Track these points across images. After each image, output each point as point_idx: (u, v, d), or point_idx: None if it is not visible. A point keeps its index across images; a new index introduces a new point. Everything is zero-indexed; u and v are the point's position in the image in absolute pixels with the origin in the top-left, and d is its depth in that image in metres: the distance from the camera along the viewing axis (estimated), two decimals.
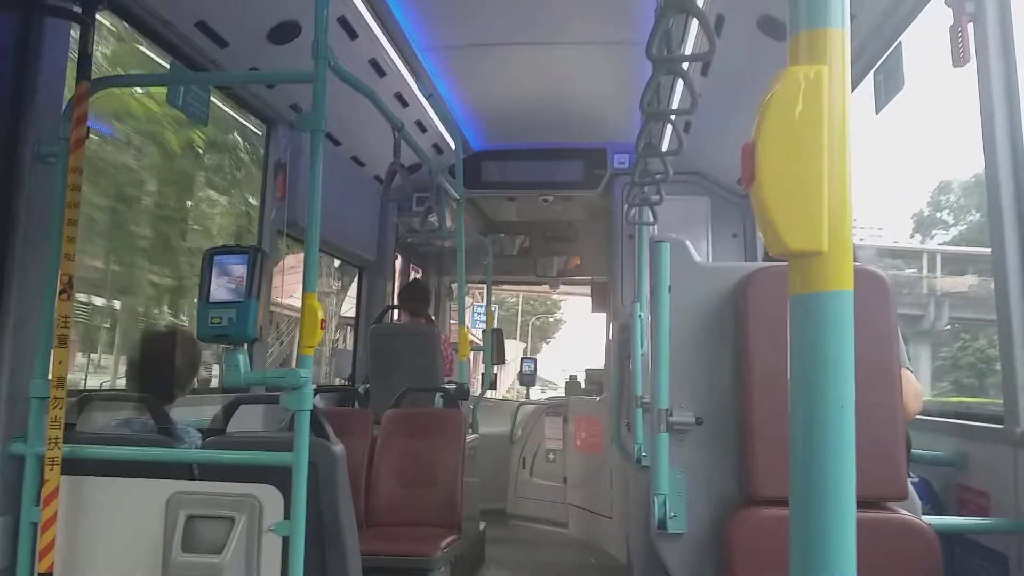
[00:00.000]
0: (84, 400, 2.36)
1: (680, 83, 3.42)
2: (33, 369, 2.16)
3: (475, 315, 12.99)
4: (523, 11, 3.78)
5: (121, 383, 5.40)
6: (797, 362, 0.62)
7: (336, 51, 2.19)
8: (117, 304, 7.29)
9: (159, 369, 2.57)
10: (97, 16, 2.34)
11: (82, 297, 6.21)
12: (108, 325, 7.59)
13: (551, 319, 39.78)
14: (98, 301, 6.95)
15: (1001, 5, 2.24)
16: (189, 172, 6.93)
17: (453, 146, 4.86)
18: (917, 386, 2.30)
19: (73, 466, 2.11)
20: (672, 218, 4.45)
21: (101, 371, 7.96)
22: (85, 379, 7.20)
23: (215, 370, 5.32)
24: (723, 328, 2.22)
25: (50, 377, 2.11)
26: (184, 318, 7.02)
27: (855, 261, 0.68)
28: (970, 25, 2.29)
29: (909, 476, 2.06)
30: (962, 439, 2.46)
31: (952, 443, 2.49)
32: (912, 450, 2.24)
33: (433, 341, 4.99)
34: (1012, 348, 2.15)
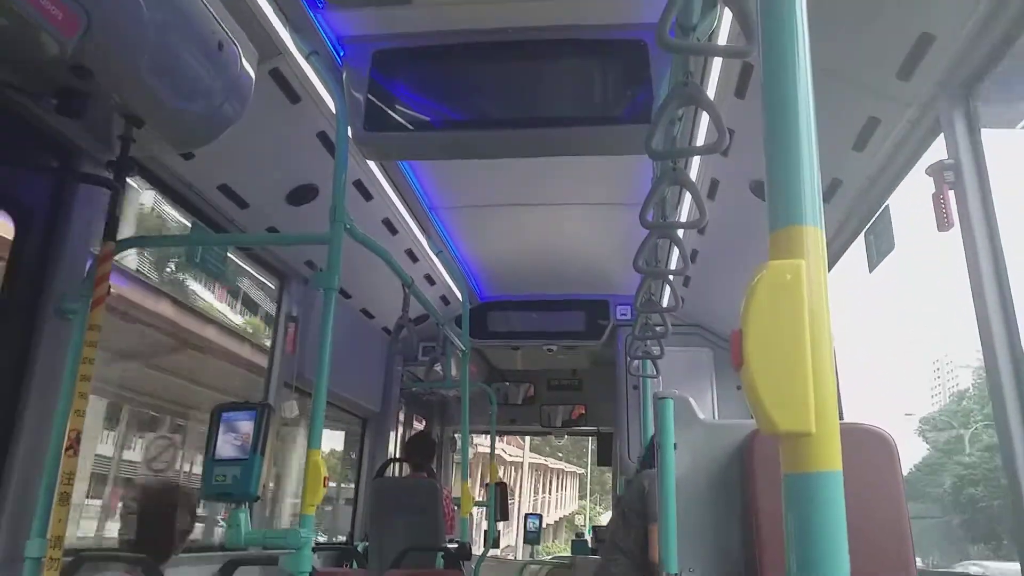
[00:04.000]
0: (78, 561, 2.29)
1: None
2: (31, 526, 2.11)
3: None
4: (529, 176, 3.98)
5: None
6: (791, 537, 0.64)
7: (351, 212, 2.30)
8: None
9: (154, 526, 2.50)
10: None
11: None
12: None
13: None
14: None
15: (979, 174, 2.34)
16: None
17: (460, 297, 4.98)
18: None
19: None
20: (676, 369, 4.47)
21: None
22: None
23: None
24: (730, 486, 2.19)
25: (48, 536, 2.06)
26: None
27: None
28: (951, 192, 2.39)
29: None
30: None
31: None
32: None
33: (435, 496, 4.86)
34: None
